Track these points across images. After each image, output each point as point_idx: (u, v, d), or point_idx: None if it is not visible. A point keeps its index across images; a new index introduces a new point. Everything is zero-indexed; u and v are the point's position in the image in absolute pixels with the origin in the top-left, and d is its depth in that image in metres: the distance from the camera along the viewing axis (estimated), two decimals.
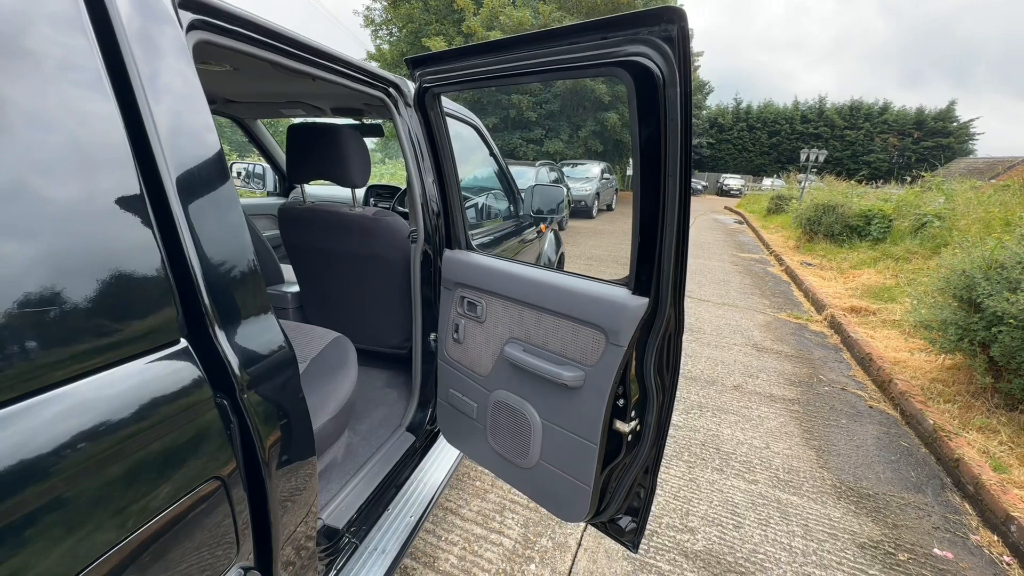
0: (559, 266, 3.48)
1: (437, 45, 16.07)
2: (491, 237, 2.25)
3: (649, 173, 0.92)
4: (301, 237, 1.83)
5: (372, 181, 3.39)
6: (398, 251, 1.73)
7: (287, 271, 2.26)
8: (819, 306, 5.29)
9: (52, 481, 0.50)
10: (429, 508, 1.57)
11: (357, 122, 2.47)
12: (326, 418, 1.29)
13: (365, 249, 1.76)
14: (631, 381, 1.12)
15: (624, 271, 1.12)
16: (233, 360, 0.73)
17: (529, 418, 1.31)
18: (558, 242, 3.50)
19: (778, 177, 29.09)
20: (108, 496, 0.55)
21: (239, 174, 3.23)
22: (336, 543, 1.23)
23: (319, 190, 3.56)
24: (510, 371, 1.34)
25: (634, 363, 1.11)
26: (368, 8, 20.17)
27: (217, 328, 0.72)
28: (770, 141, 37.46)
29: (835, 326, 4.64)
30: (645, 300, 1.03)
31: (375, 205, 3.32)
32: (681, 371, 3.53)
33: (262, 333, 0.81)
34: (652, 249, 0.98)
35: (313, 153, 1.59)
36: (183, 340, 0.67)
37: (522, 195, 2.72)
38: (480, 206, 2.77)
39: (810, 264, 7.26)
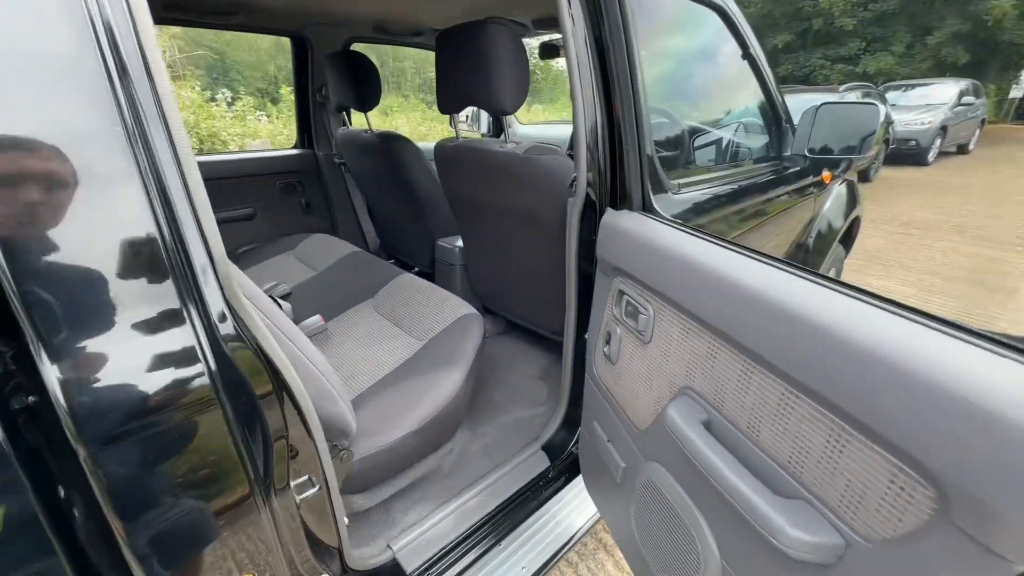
0: (845, 243, 2.26)
1: None
2: (728, 188, 1.43)
3: None
4: (453, 182, 1.51)
5: None
6: (555, 204, 1.22)
7: None
8: None
9: None
10: (554, 562, 1.14)
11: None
12: (407, 430, 0.97)
13: (515, 199, 1.31)
14: None
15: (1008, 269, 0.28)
16: (78, 404, 0.41)
17: (698, 541, 0.68)
18: (852, 200, 2.25)
19: None
20: None
21: (467, 117, 3.19)
22: None
23: (539, 131, 3.17)
24: (678, 443, 0.72)
25: None
26: None
27: (43, 349, 0.41)
28: None
29: None
30: None
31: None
32: None
33: (152, 358, 0.47)
34: None
35: (455, 69, 1.19)
36: None
37: (794, 124, 1.73)
38: (718, 141, 1.89)
39: None
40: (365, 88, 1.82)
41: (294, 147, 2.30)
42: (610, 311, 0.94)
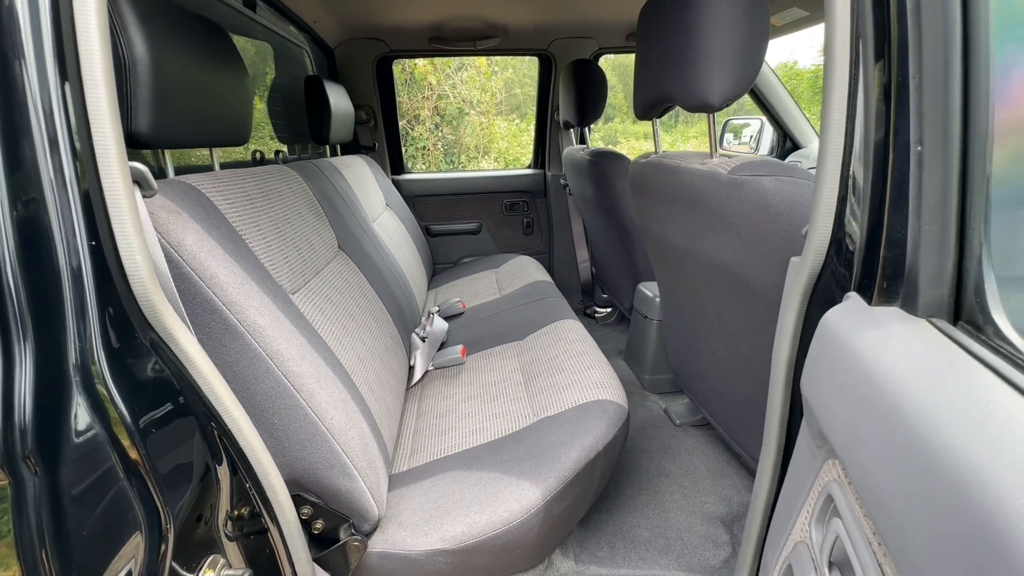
0: None
1: None
2: None
3: None
4: (642, 212, 1.09)
5: None
6: (777, 260, 0.69)
7: None
8: None
9: None
10: None
11: None
12: (436, 546, 0.69)
13: (712, 244, 0.82)
14: None
15: None
16: None
17: None
18: None
19: None
20: None
21: (734, 133, 2.56)
22: None
23: None
24: None
25: None
26: None
27: None
28: None
29: None
30: None
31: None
32: None
33: None
34: None
35: (653, 53, 0.82)
36: None
37: None
38: None
39: None
40: (589, 99, 1.61)
41: (528, 167, 2.30)
42: (804, 523, 0.41)
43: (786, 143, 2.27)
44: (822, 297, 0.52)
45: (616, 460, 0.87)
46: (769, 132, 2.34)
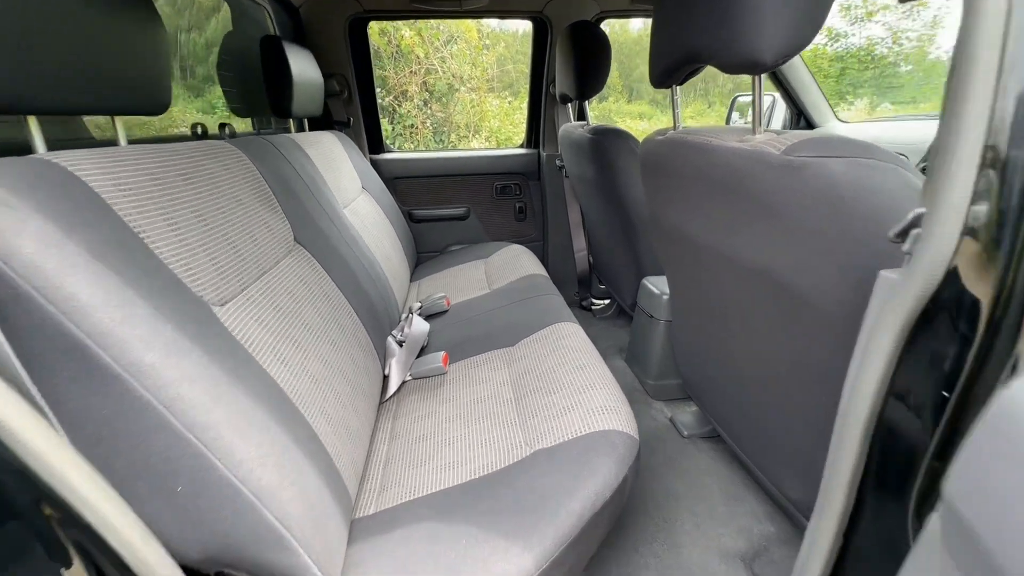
0: None
1: None
2: None
3: None
4: (655, 197, 0.93)
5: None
6: (846, 272, 0.53)
7: None
8: None
9: None
10: None
11: None
12: None
13: (754, 244, 0.66)
14: None
15: None
16: None
17: None
18: None
19: None
20: None
21: (740, 112, 2.38)
22: None
23: (879, 130, 1.84)
24: None
25: None
26: None
27: None
28: None
29: None
30: None
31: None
32: None
33: None
34: None
35: (680, 7, 0.65)
36: None
37: None
38: None
39: None
40: (590, 69, 1.42)
41: (521, 146, 2.11)
42: None
43: (800, 122, 2.10)
44: (938, 334, 0.36)
45: (625, 503, 0.73)
46: (781, 109, 2.15)
